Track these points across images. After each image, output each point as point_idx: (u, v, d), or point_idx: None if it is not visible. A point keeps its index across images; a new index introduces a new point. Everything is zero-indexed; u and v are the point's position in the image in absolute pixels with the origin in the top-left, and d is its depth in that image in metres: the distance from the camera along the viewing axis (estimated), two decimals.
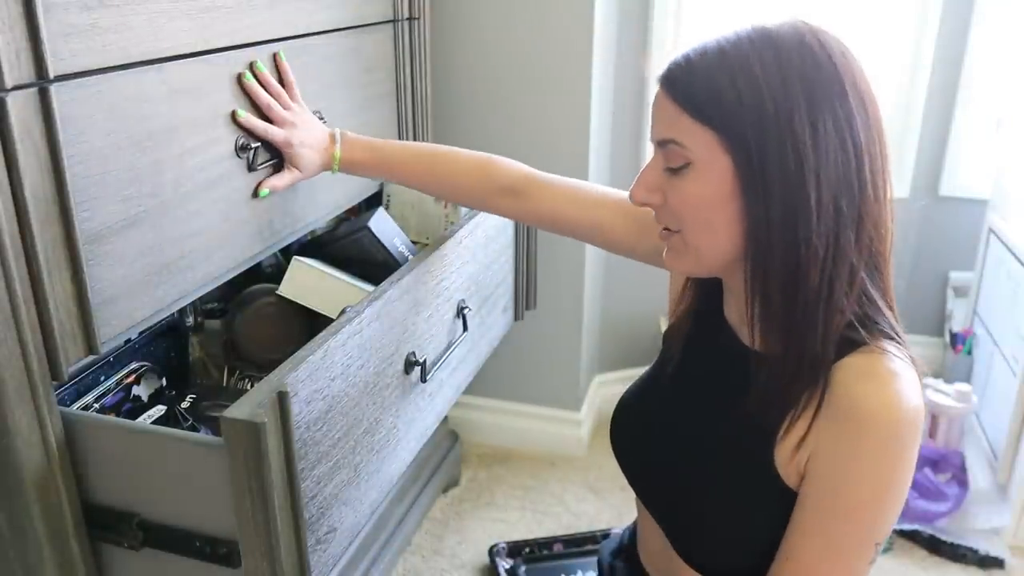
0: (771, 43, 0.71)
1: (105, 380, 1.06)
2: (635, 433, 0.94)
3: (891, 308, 0.80)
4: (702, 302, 0.92)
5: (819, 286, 0.73)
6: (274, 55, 1.09)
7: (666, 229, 0.81)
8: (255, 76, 1.05)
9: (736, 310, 0.85)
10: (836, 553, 0.74)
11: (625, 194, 1.01)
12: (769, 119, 0.69)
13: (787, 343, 0.75)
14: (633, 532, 1.02)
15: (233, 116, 1.02)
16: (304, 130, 1.09)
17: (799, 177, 0.70)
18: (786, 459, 0.76)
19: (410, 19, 1.45)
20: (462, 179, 1.10)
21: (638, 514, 0.98)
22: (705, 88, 0.72)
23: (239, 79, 1.03)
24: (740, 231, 0.74)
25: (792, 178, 0.70)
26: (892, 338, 0.76)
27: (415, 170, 1.11)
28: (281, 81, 1.11)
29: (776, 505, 0.77)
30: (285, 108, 1.09)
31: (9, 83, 0.73)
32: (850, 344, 0.74)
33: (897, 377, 0.72)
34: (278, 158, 1.10)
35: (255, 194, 1.07)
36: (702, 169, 0.74)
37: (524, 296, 1.52)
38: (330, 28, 1.22)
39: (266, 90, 1.07)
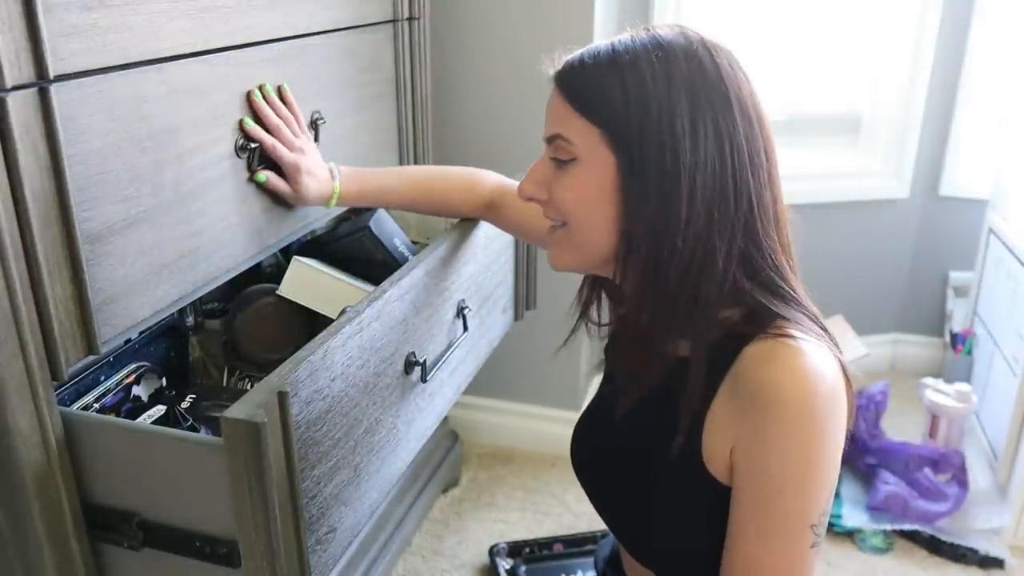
0: (661, 48, 0.74)
1: (105, 380, 1.06)
2: (585, 452, 0.96)
3: (794, 293, 0.79)
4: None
5: (680, 288, 0.75)
6: (279, 88, 1.10)
7: (552, 225, 0.84)
8: (264, 97, 1.06)
9: None
10: (770, 537, 0.74)
11: None
12: (651, 120, 0.72)
13: (669, 341, 0.79)
14: None
15: (240, 125, 1.03)
16: (311, 159, 1.11)
17: (674, 179, 0.73)
18: (713, 456, 0.77)
19: (410, 19, 1.45)
20: (453, 196, 1.16)
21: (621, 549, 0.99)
22: (595, 87, 0.75)
23: (248, 96, 1.04)
24: (617, 228, 0.77)
25: (667, 180, 0.73)
26: (798, 321, 0.76)
27: (408, 195, 1.17)
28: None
29: (715, 504, 0.78)
30: (294, 134, 1.10)
31: (9, 83, 0.73)
32: (748, 336, 0.75)
33: (800, 354, 0.72)
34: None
35: (250, 176, 1.07)
36: (586, 165, 0.77)
37: (524, 296, 1.51)
38: (330, 28, 1.22)
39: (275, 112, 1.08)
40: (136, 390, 1.10)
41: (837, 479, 0.75)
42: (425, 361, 1.09)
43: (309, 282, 1.25)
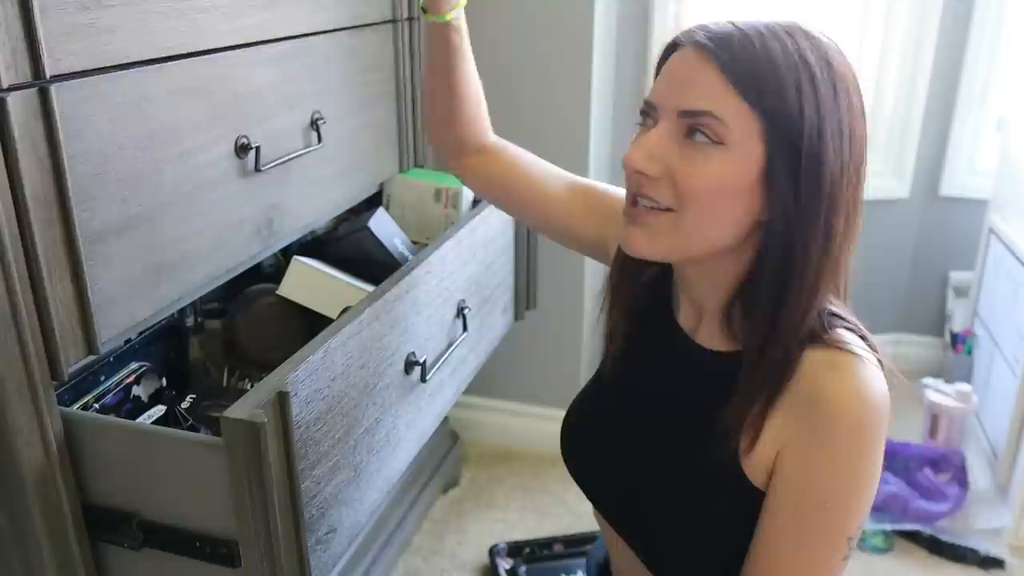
0: (822, 52, 0.71)
1: (105, 380, 1.06)
2: (588, 451, 0.92)
3: (846, 299, 0.80)
4: (646, 302, 0.89)
5: (812, 289, 0.73)
6: None
7: (649, 207, 0.74)
8: None
9: (692, 310, 0.83)
10: (809, 549, 0.73)
11: (586, 181, 0.99)
12: (827, 131, 0.69)
13: (765, 342, 0.74)
14: None
15: None
16: None
17: (841, 193, 0.71)
18: (753, 458, 0.75)
19: (410, 19, 1.45)
20: (480, 109, 1.02)
21: (604, 535, 0.96)
22: (769, 76, 0.69)
23: None
24: (745, 225, 0.73)
25: (839, 192, 0.71)
26: (851, 329, 0.76)
27: (470, 69, 0.99)
28: None
29: (744, 507, 0.76)
30: None
31: (5, 83, 0.73)
32: (812, 338, 0.74)
33: (861, 365, 0.72)
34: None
35: None
36: (735, 153, 0.70)
37: (524, 296, 1.51)
38: (330, 28, 1.22)
39: None
40: (136, 390, 1.10)
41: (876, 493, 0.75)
42: (425, 361, 1.09)
43: (309, 282, 1.25)
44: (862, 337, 0.76)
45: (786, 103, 0.69)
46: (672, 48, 0.76)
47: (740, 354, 0.76)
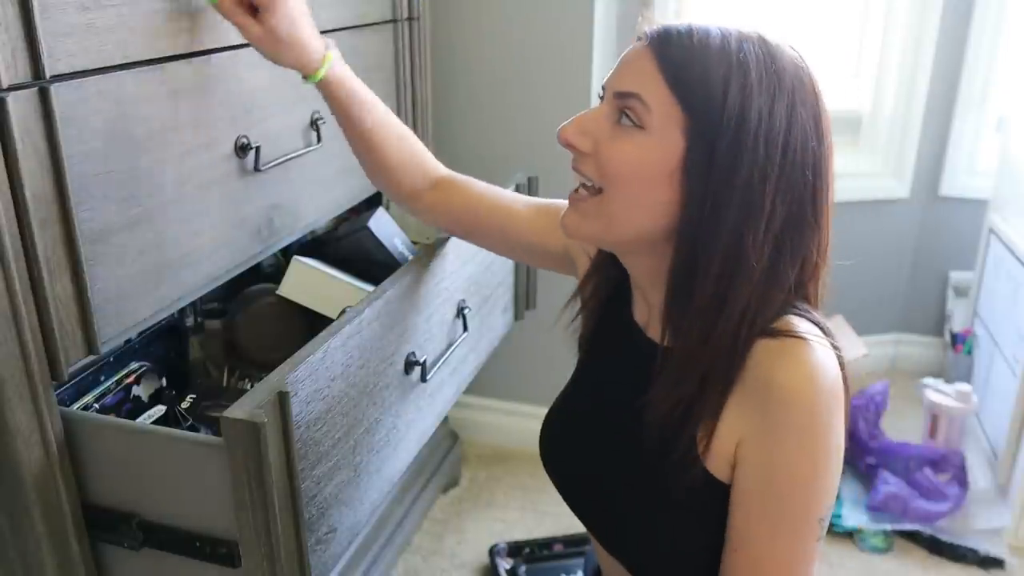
0: (772, 58, 0.72)
1: (105, 380, 1.06)
2: (561, 452, 0.94)
3: (817, 304, 0.80)
4: (609, 301, 0.91)
5: (748, 303, 0.73)
6: None
7: (582, 187, 0.79)
8: None
9: (644, 305, 0.84)
10: (783, 534, 0.74)
11: (545, 199, 1.02)
12: (749, 131, 0.70)
13: (707, 336, 0.74)
14: None
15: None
16: (298, 7, 0.92)
17: (759, 195, 0.71)
18: (713, 451, 0.76)
19: (410, 19, 1.45)
20: (410, 150, 1.02)
21: (592, 542, 0.97)
22: (698, 71, 0.71)
23: None
24: (663, 215, 0.74)
25: (754, 193, 0.71)
26: (803, 316, 0.76)
27: (375, 117, 0.98)
28: None
29: (713, 503, 0.77)
30: None
31: (5, 83, 0.73)
32: (762, 329, 0.74)
33: (809, 349, 0.72)
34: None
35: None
36: (654, 139, 0.72)
37: (524, 296, 1.51)
38: (330, 28, 1.22)
39: None
40: (136, 390, 1.10)
41: (841, 471, 0.75)
42: (425, 361, 1.09)
43: (309, 282, 1.25)
44: (817, 324, 0.76)
45: (710, 100, 0.70)
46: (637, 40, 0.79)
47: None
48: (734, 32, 0.73)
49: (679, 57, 0.72)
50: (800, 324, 0.74)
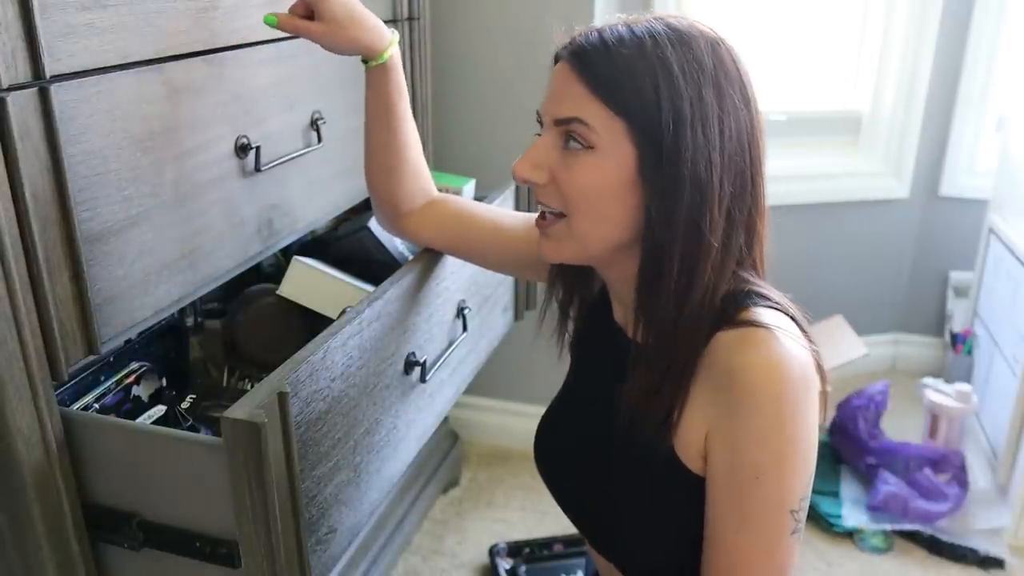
0: (687, 47, 0.73)
1: (105, 380, 1.06)
2: (550, 452, 0.95)
3: (759, 273, 0.82)
4: (594, 306, 0.93)
5: (708, 278, 0.75)
6: None
7: (548, 214, 0.80)
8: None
9: (620, 307, 0.86)
10: (750, 525, 0.73)
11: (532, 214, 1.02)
12: (685, 123, 0.72)
13: (676, 320, 0.76)
14: None
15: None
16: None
17: (707, 179, 0.73)
18: (685, 445, 0.76)
19: (410, 19, 1.45)
20: (417, 164, 1.03)
21: (587, 545, 0.97)
22: (625, 79, 0.73)
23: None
24: (631, 222, 0.76)
25: (702, 179, 0.73)
26: (771, 307, 0.76)
27: (410, 115, 1.02)
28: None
29: (688, 495, 0.77)
30: None
31: (5, 83, 0.73)
32: (724, 321, 0.75)
33: (772, 337, 0.72)
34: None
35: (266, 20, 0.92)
36: (605, 155, 0.74)
37: (524, 296, 1.52)
38: None
39: None
40: (136, 390, 1.10)
41: (815, 464, 0.75)
42: (425, 361, 1.09)
43: (309, 282, 1.25)
44: (787, 314, 0.77)
45: (645, 103, 0.72)
46: (556, 61, 0.81)
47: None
48: (643, 29, 0.74)
49: (604, 73, 0.73)
50: (766, 315, 0.74)
